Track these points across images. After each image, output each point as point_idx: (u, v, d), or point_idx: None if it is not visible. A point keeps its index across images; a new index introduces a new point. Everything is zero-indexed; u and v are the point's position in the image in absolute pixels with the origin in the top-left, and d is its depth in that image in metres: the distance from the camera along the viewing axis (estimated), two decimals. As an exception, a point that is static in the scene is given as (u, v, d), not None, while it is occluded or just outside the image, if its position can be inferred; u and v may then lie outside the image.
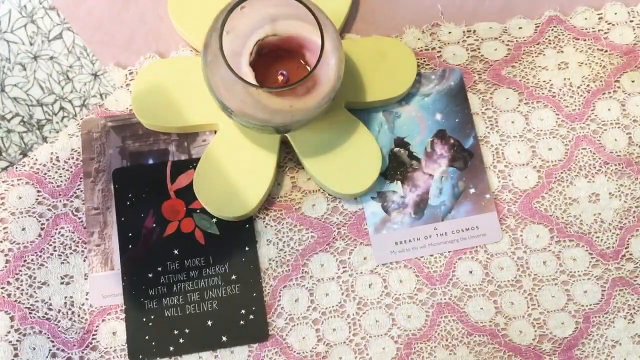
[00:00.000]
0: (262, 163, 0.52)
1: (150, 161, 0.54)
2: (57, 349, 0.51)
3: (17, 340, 0.51)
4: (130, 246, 0.52)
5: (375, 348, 0.52)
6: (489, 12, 0.58)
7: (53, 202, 0.53)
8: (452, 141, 0.55)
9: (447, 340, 0.52)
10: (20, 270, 0.52)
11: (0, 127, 0.37)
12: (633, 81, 0.57)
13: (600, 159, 0.55)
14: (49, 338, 0.51)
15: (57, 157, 0.54)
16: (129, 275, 0.52)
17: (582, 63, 0.57)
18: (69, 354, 0.51)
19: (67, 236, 0.53)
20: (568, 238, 0.54)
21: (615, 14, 0.58)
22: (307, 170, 0.53)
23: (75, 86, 0.38)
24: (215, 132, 0.54)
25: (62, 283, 0.52)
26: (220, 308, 0.52)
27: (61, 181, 0.53)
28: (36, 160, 0.54)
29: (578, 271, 0.54)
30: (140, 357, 0.51)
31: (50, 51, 0.37)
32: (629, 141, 0.56)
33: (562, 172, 0.55)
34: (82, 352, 0.51)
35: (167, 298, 0.52)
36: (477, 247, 0.54)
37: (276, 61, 0.50)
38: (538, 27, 0.58)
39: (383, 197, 0.54)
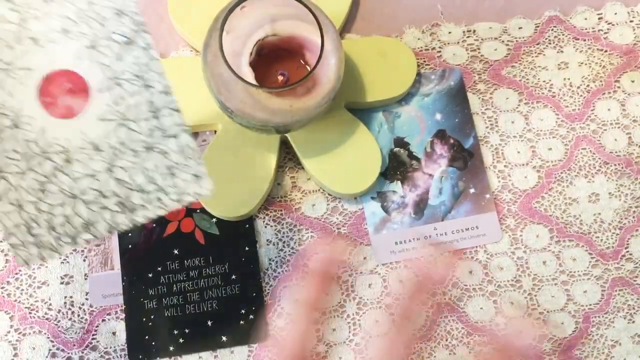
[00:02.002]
0: (262, 163, 0.52)
1: (150, 161, 0.54)
2: (57, 348, 0.51)
3: (17, 340, 0.51)
4: (130, 246, 0.52)
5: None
6: (489, 12, 0.58)
7: (53, 202, 0.53)
8: (452, 141, 0.55)
9: (447, 340, 0.52)
10: (20, 270, 0.52)
11: (96, 203, 0.39)
12: (633, 81, 0.57)
13: (600, 159, 0.55)
14: (48, 338, 0.51)
15: (57, 157, 0.54)
16: (129, 275, 0.52)
17: (582, 63, 0.57)
18: (68, 353, 0.51)
19: (67, 236, 0.53)
20: (568, 238, 0.54)
21: (615, 14, 0.58)
22: (307, 170, 0.53)
23: (176, 182, 0.39)
24: (215, 132, 0.54)
25: (62, 283, 0.52)
26: (220, 308, 0.52)
27: (61, 181, 0.53)
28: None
29: (578, 271, 0.54)
30: (140, 357, 0.51)
31: (164, 146, 0.39)
32: (628, 141, 0.56)
33: (562, 172, 0.55)
34: (82, 352, 0.51)
35: (167, 298, 0.52)
36: (476, 247, 0.54)
37: (276, 61, 0.50)
38: (538, 27, 0.58)
39: (383, 197, 0.54)
